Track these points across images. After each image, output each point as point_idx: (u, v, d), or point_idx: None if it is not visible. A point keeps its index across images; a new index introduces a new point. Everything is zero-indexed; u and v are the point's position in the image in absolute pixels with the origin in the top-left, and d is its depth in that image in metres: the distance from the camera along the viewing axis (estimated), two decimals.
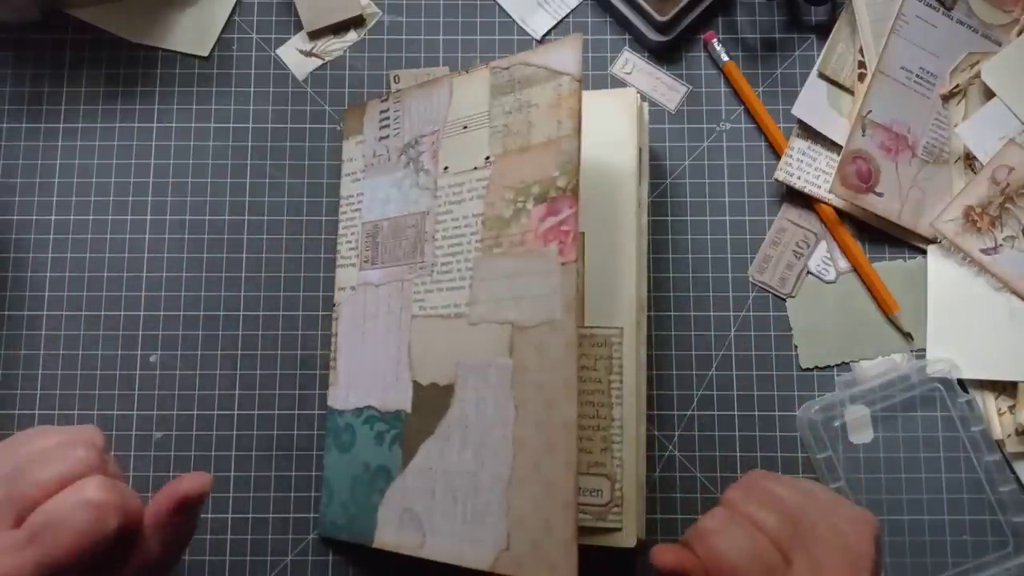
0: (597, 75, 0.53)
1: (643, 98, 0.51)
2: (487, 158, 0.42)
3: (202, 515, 0.48)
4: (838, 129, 0.50)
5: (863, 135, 0.50)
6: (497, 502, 0.39)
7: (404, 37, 0.53)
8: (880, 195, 0.49)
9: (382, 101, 0.48)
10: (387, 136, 0.47)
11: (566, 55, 0.40)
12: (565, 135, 0.40)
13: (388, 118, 0.47)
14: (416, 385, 0.43)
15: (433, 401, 0.42)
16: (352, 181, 0.48)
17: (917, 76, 0.50)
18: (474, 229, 0.42)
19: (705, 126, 0.52)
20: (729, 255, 0.51)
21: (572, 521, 0.36)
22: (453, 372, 0.41)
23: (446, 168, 0.44)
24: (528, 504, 0.38)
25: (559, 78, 0.41)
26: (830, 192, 0.50)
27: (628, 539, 0.43)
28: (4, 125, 0.52)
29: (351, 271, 0.47)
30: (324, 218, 0.51)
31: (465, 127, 0.44)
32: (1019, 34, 0.51)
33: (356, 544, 0.45)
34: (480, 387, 0.40)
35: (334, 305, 0.49)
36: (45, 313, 0.50)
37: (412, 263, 0.44)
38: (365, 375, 0.46)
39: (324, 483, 0.47)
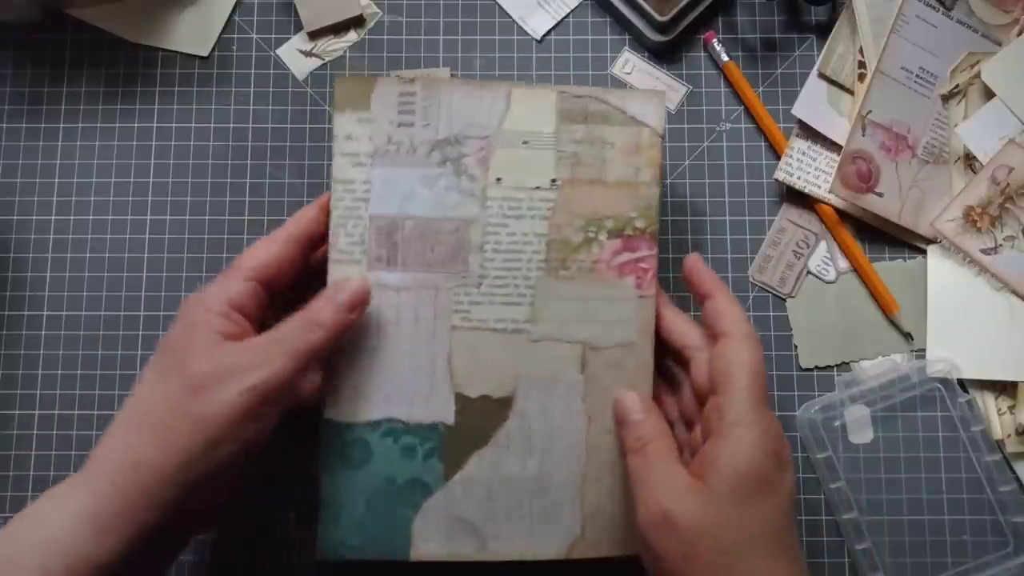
0: (597, 75, 0.53)
1: None
2: (553, 180, 0.43)
3: None
4: (838, 129, 0.50)
5: (863, 135, 0.50)
6: (570, 499, 0.42)
7: (404, 37, 0.53)
8: (880, 195, 0.50)
9: (403, 83, 0.44)
10: (411, 124, 0.43)
11: (648, 109, 0.43)
12: (644, 182, 0.43)
13: (414, 104, 0.43)
14: (461, 397, 0.43)
15: (486, 413, 0.43)
16: (353, 165, 0.43)
17: (917, 76, 0.50)
18: (536, 248, 0.43)
19: (705, 126, 0.52)
20: (729, 255, 0.51)
21: None
22: (512, 385, 0.43)
23: (499, 179, 0.43)
24: (604, 497, 0.42)
25: (639, 127, 0.43)
26: (830, 192, 0.50)
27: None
28: (4, 125, 0.52)
29: (354, 269, 0.43)
30: None
31: (526, 142, 0.43)
32: (1019, 34, 0.51)
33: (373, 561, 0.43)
34: (545, 399, 0.43)
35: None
36: (45, 313, 0.50)
37: (451, 272, 0.43)
38: (382, 386, 0.43)
39: (325, 503, 0.43)
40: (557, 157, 0.43)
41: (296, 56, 0.53)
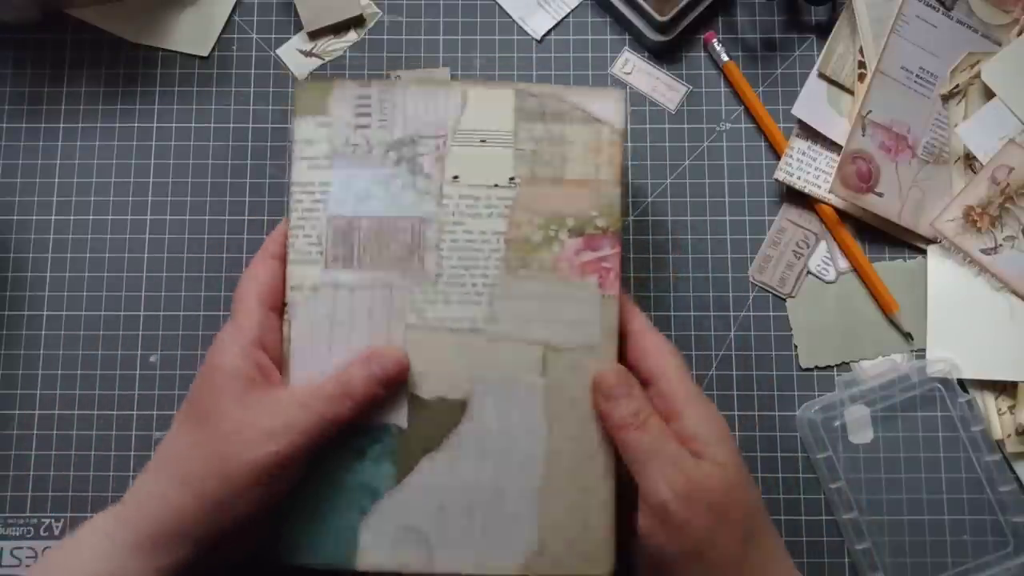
0: (597, 75, 0.53)
1: (644, 98, 0.51)
2: (512, 178, 0.42)
3: None
4: (838, 129, 0.50)
5: (863, 135, 0.50)
6: (526, 510, 0.40)
7: (404, 37, 0.53)
8: (880, 195, 0.49)
9: (360, 85, 0.44)
10: (368, 126, 0.43)
11: (608, 106, 0.42)
12: (605, 180, 0.42)
13: (371, 106, 0.43)
14: (415, 399, 0.41)
15: (440, 416, 0.41)
16: (311, 168, 0.43)
17: (917, 76, 0.50)
18: (494, 246, 0.42)
19: (705, 126, 0.52)
20: (729, 255, 0.51)
21: (609, 521, 0.40)
22: (467, 387, 0.41)
23: (455, 177, 0.42)
24: (564, 510, 0.40)
25: (599, 125, 0.42)
26: (830, 192, 0.50)
27: (603, 567, 0.41)
28: (4, 125, 0.52)
29: (311, 269, 0.42)
30: None
31: (483, 141, 0.43)
32: (1019, 34, 0.51)
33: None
34: (503, 403, 0.41)
35: (284, 305, 0.42)
36: (45, 313, 0.50)
37: (406, 270, 0.42)
38: None
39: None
40: (516, 155, 0.43)
41: (296, 56, 0.53)
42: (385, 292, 0.42)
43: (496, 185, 0.42)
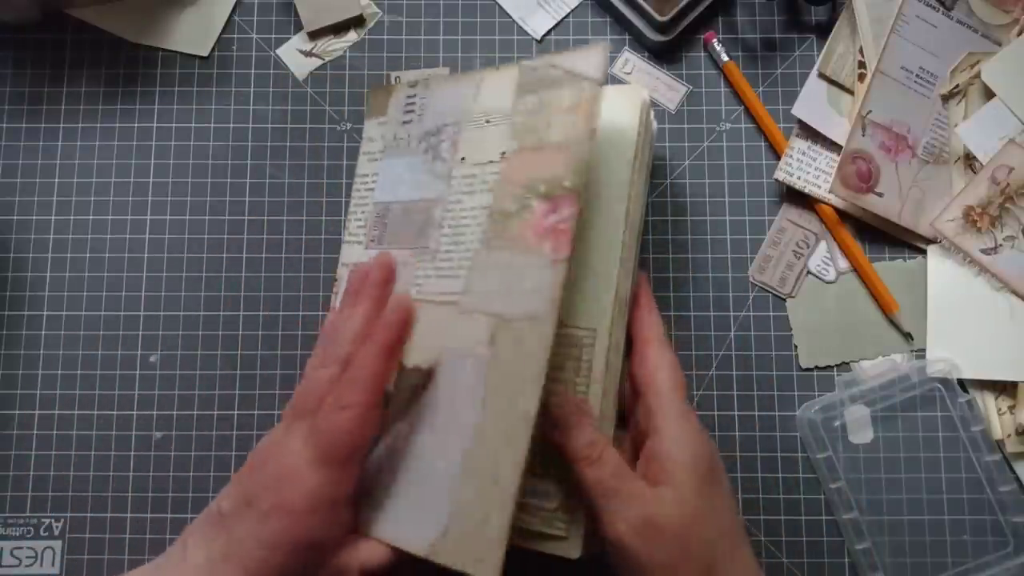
0: None
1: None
2: (502, 153, 0.42)
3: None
4: (838, 129, 0.50)
5: (863, 135, 0.50)
6: (446, 490, 0.38)
7: (404, 37, 0.53)
8: (880, 195, 0.50)
9: (410, 86, 0.47)
10: (410, 121, 0.46)
11: (590, 59, 0.40)
12: (577, 136, 0.39)
13: (414, 103, 0.46)
14: (400, 367, 0.41)
15: (411, 383, 0.41)
16: (369, 161, 0.47)
17: (917, 76, 0.50)
18: (480, 221, 0.41)
19: (705, 126, 0.52)
20: (729, 255, 0.51)
21: (507, 520, 0.36)
22: (437, 357, 0.41)
23: (463, 159, 0.43)
24: (472, 495, 0.37)
25: (581, 82, 0.40)
26: (830, 192, 0.50)
27: (573, 550, 0.41)
28: (4, 125, 0.52)
29: (356, 248, 0.46)
30: (324, 218, 0.51)
31: (488, 121, 0.43)
32: (1019, 34, 0.51)
33: None
34: (457, 374, 0.40)
35: (334, 281, 0.47)
36: (45, 313, 0.50)
37: (415, 247, 0.43)
38: None
39: None
40: (511, 130, 0.42)
41: (296, 56, 0.53)
42: (400, 268, 0.44)
43: (490, 162, 0.42)
